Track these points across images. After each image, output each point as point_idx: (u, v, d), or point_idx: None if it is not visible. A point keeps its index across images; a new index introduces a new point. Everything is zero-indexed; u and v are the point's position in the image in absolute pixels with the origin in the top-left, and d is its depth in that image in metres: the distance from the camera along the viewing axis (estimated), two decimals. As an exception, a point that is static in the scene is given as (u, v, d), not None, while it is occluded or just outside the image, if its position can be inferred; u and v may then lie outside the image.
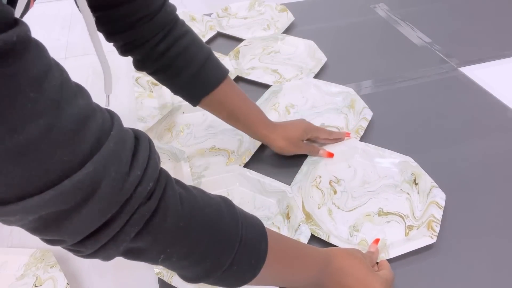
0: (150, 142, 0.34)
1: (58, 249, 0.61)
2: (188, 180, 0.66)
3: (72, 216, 0.29)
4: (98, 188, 0.29)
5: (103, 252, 0.32)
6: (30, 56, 0.25)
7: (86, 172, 0.28)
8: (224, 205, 0.40)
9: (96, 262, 0.60)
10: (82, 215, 0.29)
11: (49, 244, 0.32)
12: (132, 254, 0.35)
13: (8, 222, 0.29)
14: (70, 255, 0.60)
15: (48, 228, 0.29)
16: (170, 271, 0.55)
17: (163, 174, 0.35)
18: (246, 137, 0.78)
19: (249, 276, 0.40)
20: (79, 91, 0.30)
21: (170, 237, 0.34)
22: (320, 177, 0.70)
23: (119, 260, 0.60)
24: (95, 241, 0.31)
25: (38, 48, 0.27)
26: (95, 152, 0.29)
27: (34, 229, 0.30)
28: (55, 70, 0.27)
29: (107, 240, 0.31)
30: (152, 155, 0.33)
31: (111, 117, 0.32)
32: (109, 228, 0.31)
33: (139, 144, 0.33)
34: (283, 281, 0.45)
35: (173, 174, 0.70)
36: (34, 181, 0.26)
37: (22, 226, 0.30)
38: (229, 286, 0.41)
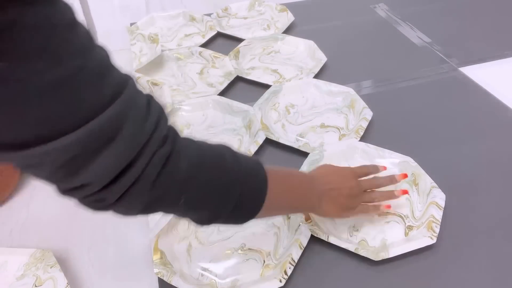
0: (159, 101, 0.38)
1: (58, 249, 0.61)
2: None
3: (99, 156, 0.31)
4: (121, 129, 0.31)
5: (127, 199, 0.34)
6: (62, 4, 0.28)
7: (111, 113, 0.30)
8: (224, 147, 0.44)
9: (96, 262, 0.60)
10: (108, 156, 0.31)
11: (73, 196, 0.34)
12: (154, 203, 0.37)
13: (40, 169, 0.31)
14: (70, 255, 0.61)
15: (78, 170, 0.31)
16: (170, 271, 0.55)
17: (172, 129, 0.38)
18: (246, 137, 0.78)
19: (258, 204, 0.44)
20: (101, 45, 0.33)
21: (186, 177, 0.37)
22: (320, 177, 0.70)
23: (119, 260, 0.60)
24: (119, 186, 0.33)
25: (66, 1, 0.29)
26: (117, 97, 0.31)
27: (66, 174, 0.31)
28: (80, 23, 0.30)
29: (130, 184, 0.33)
30: (163, 108, 0.37)
31: (126, 73, 0.35)
32: (132, 170, 0.33)
33: (151, 98, 0.36)
34: (286, 203, 0.51)
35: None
36: (68, 118, 0.29)
37: (54, 173, 0.31)
38: (241, 219, 0.45)
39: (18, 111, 0.27)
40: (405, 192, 0.62)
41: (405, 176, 0.63)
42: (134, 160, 0.33)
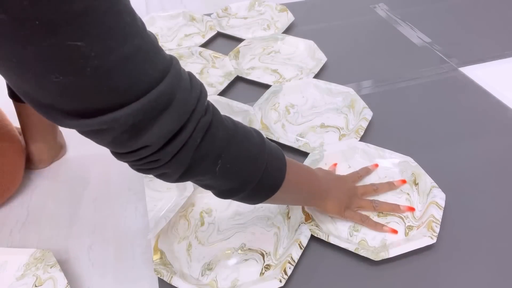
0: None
1: (58, 249, 0.61)
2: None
3: (158, 121, 0.36)
4: (174, 98, 0.37)
5: (175, 160, 0.39)
6: None
7: (166, 84, 0.36)
8: (252, 128, 0.48)
9: (96, 262, 0.60)
10: (165, 120, 0.36)
11: (130, 159, 0.39)
12: (195, 166, 0.41)
13: (106, 134, 0.35)
14: (70, 255, 0.61)
15: (141, 134, 0.36)
16: (170, 271, 0.55)
17: (209, 102, 0.43)
18: (246, 137, 0.78)
19: (278, 182, 0.48)
20: None
21: (223, 143, 0.43)
22: (320, 177, 0.70)
23: (119, 260, 0.60)
24: (172, 147, 0.38)
25: None
26: (168, 71, 0.36)
27: (129, 138, 0.36)
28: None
29: (181, 145, 0.39)
30: (203, 88, 0.41)
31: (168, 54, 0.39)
32: (183, 133, 0.38)
33: (191, 74, 0.41)
34: (300, 190, 0.55)
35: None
36: (133, 89, 0.34)
37: (118, 138, 0.36)
38: (259, 197, 0.49)
39: (95, 83, 0.32)
40: (411, 209, 0.64)
41: (404, 181, 0.67)
42: (185, 125, 0.38)
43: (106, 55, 0.31)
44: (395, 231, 0.61)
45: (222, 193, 0.48)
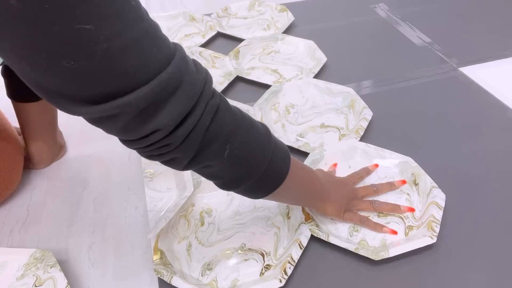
0: None
1: (58, 249, 0.61)
2: (188, 180, 0.66)
3: (168, 104, 0.36)
4: (183, 80, 0.37)
5: (188, 141, 0.39)
6: None
7: (173, 68, 0.36)
8: (254, 119, 0.48)
9: (96, 262, 0.60)
10: (175, 103, 0.37)
11: (140, 146, 0.39)
12: (204, 151, 0.42)
13: (117, 120, 0.35)
14: (70, 255, 0.61)
15: (151, 117, 0.36)
16: (170, 271, 0.55)
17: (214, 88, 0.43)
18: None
19: (282, 175, 0.48)
20: None
21: (231, 127, 0.43)
22: (320, 177, 0.70)
23: (119, 260, 0.60)
24: (183, 130, 0.38)
25: None
26: (173, 55, 0.36)
27: (139, 123, 0.36)
28: None
29: (192, 127, 0.39)
30: (208, 73, 0.41)
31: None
32: (193, 115, 0.38)
33: (195, 60, 0.41)
34: (302, 188, 0.55)
35: (173, 174, 0.70)
36: (143, 72, 0.34)
37: (128, 123, 0.36)
38: (262, 190, 0.49)
39: (105, 67, 0.32)
40: (411, 209, 0.64)
41: (404, 182, 0.67)
42: (194, 107, 0.38)
43: (115, 38, 0.31)
44: (394, 232, 0.61)
45: (227, 184, 0.47)
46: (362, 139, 0.76)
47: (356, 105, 0.83)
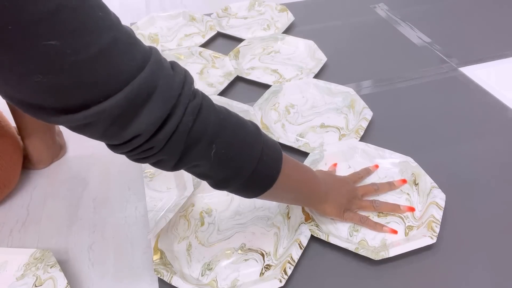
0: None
1: (58, 249, 0.61)
2: (188, 180, 0.66)
3: (144, 109, 0.37)
4: (157, 85, 0.37)
5: (170, 144, 0.40)
6: None
7: (146, 73, 0.36)
8: (243, 117, 0.48)
9: (96, 262, 0.60)
10: (151, 108, 0.37)
11: (124, 151, 0.40)
12: (189, 151, 0.42)
13: (96, 127, 0.36)
14: (70, 255, 0.61)
15: (129, 123, 0.37)
16: (170, 271, 0.55)
17: (196, 88, 0.43)
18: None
19: (274, 174, 0.48)
20: None
21: (216, 127, 0.43)
22: (320, 177, 0.70)
23: (119, 260, 0.60)
24: (164, 133, 0.38)
25: None
26: (147, 61, 0.37)
27: (118, 129, 0.37)
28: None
29: (172, 131, 0.39)
30: (188, 74, 0.42)
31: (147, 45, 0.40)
32: (173, 118, 0.39)
33: (174, 62, 0.42)
34: (296, 188, 0.55)
35: (172, 174, 0.70)
36: (115, 80, 0.34)
37: (107, 130, 0.37)
38: (254, 189, 0.49)
39: (75, 79, 0.32)
40: (411, 209, 0.64)
41: (405, 181, 0.67)
42: (173, 111, 0.39)
43: (82, 51, 0.31)
44: (395, 231, 0.61)
45: (218, 184, 0.48)
46: (362, 139, 0.76)
47: (356, 105, 0.83)
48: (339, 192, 0.62)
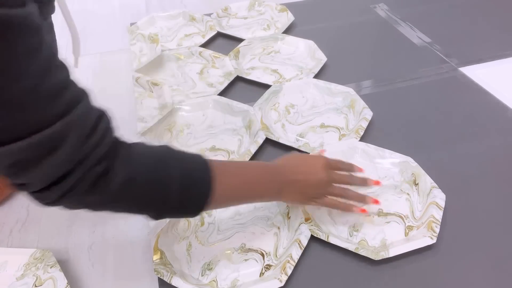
0: (110, 120, 0.43)
1: (58, 249, 0.61)
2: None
3: (41, 164, 0.37)
4: (62, 145, 0.37)
5: (66, 200, 0.41)
6: (29, 32, 0.33)
7: (54, 130, 0.36)
8: (166, 149, 0.48)
9: (96, 262, 0.60)
10: (48, 164, 0.37)
11: (22, 190, 0.41)
12: (93, 206, 0.44)
13: None
14: (70, 255, 0.61)
15: (21, 172, 0.38)
16: (170, 271, 0.55)
17: (114, 147, 0.43)
18: (246, 138, 0.78)
19: (202, 199, 0.49)
20: (61, 66, 0.38)
21: (118, 192, 0.43)
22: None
23: (119, 260, 0.60)
24: (58, 189, 0.39)
25: (32, 27, 0.34)
26: (63, 116, 0.37)
27: (12, 173, 0.38)
28: (45, 47, 0.35)
29: (65, 191, 0.40)
30: (108, 134, 0.42)
31: (83, 93, 0.40)
32: (67, 179, 0.39)
33: (103, 114, 0.42)
34: (241, 194, 0.55)
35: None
36: (17, 129, 0.35)
37: (7, 170, 0.38)
38: (190, 213, 0.50)
39: None
40: (376, 201, 0.62)
41: (378, 183, 0.64)
42: (70, 172, 0.39)
43: None
44: (364, 211, 0.62)
45: (146, 217, 0.49)
46: (362, 139, 0.76)
47: (356, 105, 0.83)
48: (304, 183, 0.59)
